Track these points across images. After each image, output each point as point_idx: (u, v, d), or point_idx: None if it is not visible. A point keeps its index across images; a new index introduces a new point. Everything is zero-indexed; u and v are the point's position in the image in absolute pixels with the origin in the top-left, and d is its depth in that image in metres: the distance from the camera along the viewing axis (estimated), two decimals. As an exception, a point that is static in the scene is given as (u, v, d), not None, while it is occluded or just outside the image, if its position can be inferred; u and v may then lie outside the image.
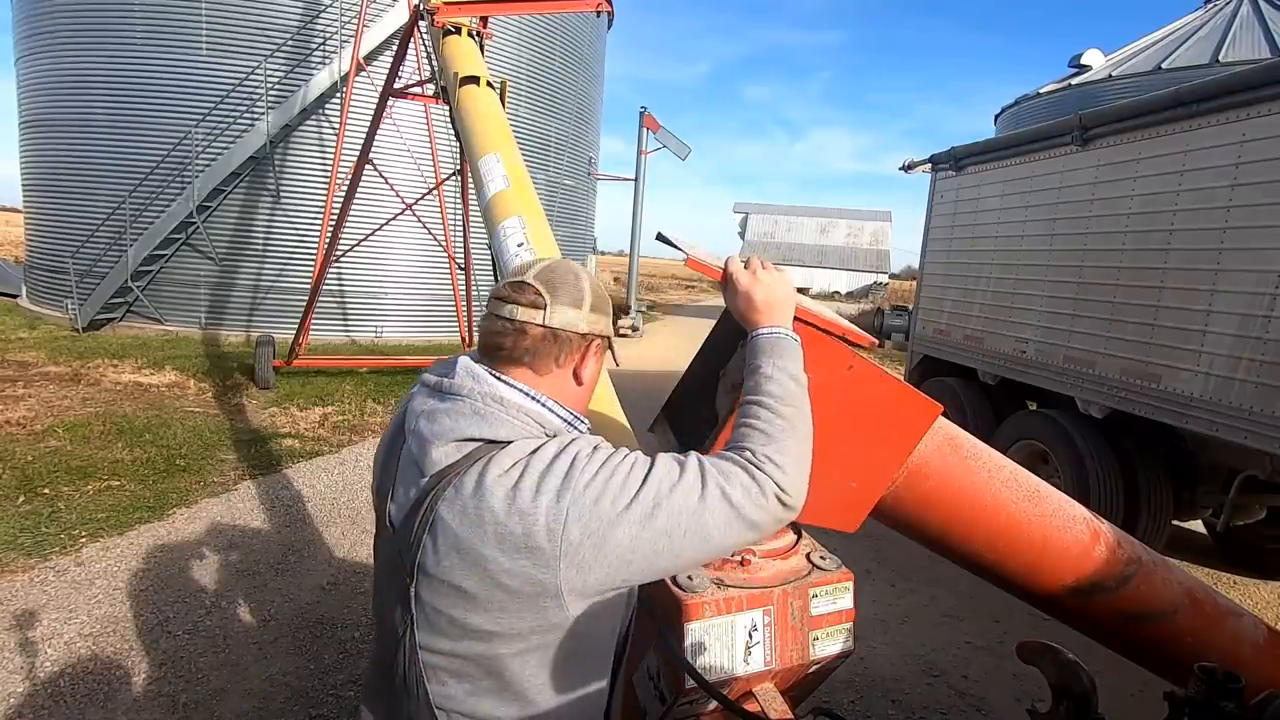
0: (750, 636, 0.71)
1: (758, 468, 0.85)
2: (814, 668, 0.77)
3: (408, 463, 0.96)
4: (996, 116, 17.57)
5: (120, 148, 11.03)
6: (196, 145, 10.64)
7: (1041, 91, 15.63)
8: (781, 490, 0.84)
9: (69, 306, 11.06)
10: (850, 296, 45.77)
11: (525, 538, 0.83)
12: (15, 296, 13.16)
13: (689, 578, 0.72)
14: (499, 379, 0.96)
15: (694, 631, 0.68)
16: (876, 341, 0.79)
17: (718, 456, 0.87)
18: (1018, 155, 5.57)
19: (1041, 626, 3.17)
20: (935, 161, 6.79)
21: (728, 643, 0.70)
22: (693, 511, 0.83)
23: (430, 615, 0.88)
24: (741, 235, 55.89)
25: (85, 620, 3.25)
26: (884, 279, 49.74)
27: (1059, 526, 0.99)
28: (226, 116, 10.72)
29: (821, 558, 0.80)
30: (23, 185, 12.58)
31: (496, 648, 0.87)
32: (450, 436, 0.91)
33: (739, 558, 0.76)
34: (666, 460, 0.88)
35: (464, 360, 0.99)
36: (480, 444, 0.91)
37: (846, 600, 0.78)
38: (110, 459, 5.33)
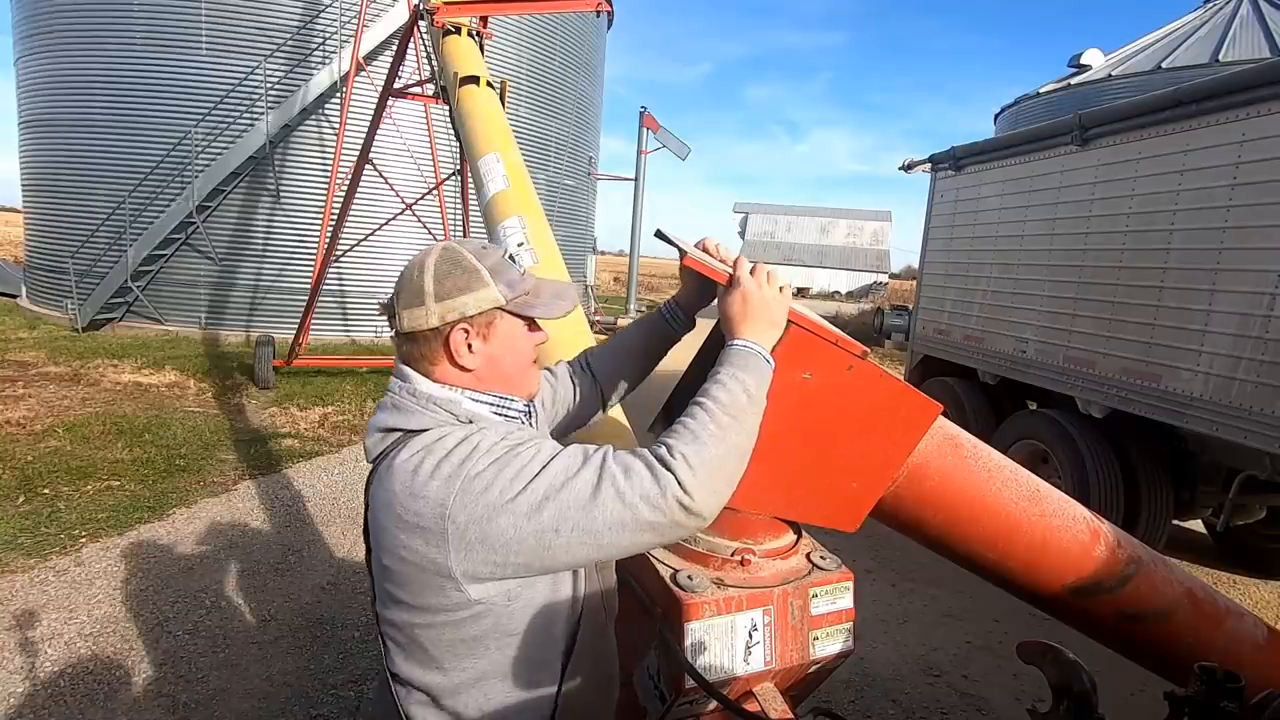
0: (750, 636, 0.71)
1: (664, 466, 0.82)
2: (814, 667, 0.77)
3: None
4: (996, 116, 17.57)
5: (120, 148, 11.03)
6: (196, 145, 10.64)
7: (1041, 91, 15.64)
8: (684, 493, 0.79)
9: (69, 306, 11.06)
10: (850, 296, 45.77)
11: (417, 517, 0.87)
12: (15, 296, 13.15)
13: (689, 577, 0.72)
14: (420, 374, 1.02)
15: (694, 631, 0.68)
16: (868, 350, 0.76)
17: (632, 452, 0.84)
18: (1017, 155, 5.57)
19: (1041, 626, 3.17)
20: (935, 161, 6.79)
21: (728, 642, 0.70)
22: (583, 507, 0.82)
23: (378, 587, 0.97)
24: (741, 235, 55.88)
25: (85, 620, 3.25)
26: (884, 279, 49.74)
27: (1059, 526, 0.99)
28: (226, 116, 10.72)
29: (821, 557, 0.80)
30: (22, 185, 12.57)
31: (413, 619, 0.93)
32: (375, 427, 1.00)
33: (739, 558, 0.76)
34: (572, 453, 0.87)
35: (398, 362, 1.05)
36: (399, 433, 0.97)
37: (846, 600, 0.78)
38: (110, 459, 5.33)
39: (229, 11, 10.61)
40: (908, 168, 7.38)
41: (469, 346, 0.99)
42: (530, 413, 1.09)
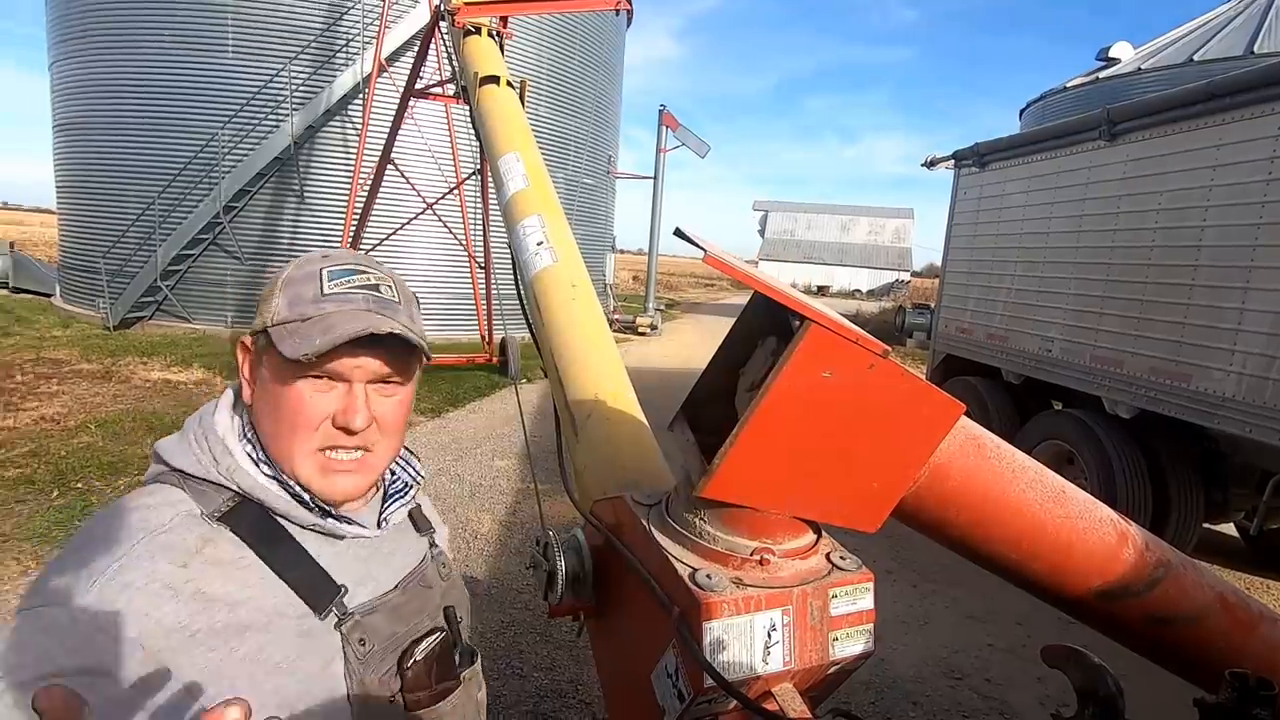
0: (769, 636, 0.71)
1: None
2: (834, 668, 0.76)
3: None
4: (1022, 111, 17.30)
5: (149, 150, 11.26)
6: (223, 147, 10.83)
7: (1068, 85, 15.37)
8: None
9: (100, 305, 11.32)
10: (871, 294, 45.36)
11: None
12: (49, 296, 13.49)
13: (708, 576, 0.72)
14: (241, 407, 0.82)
15: (712, 630, 0.68)
16: (889, 349, 0.75)
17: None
18: (1044, 151, 5.48)
19: (1067, 630, 3.12)
20: (958, 158, 6.70)
21: (746, 642, 0.69)
22: None
23: None
24: (761, 233, 55.61)
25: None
26: (906, 277, 49.22)
27: (1084, 528, 0.97)
28: (252, 118, 10.90)
29: (841, 558, 0.80)
30: (56, 187, 12.89)
31: None
32: (154, 448, 0.81)
33: (758, 557, 0.76)
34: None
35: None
36: (162, 465, 0.79)
37: (867, 601, 0.77)
38: (140, 455, 5.45)
39: (255, 15, 10.79)
40: (930, 164, 7.30)
41: (249, 373, 0.80)
42: (354, 517, 0.83)
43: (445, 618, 0.92)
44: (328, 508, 0.80)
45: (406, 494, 0.94)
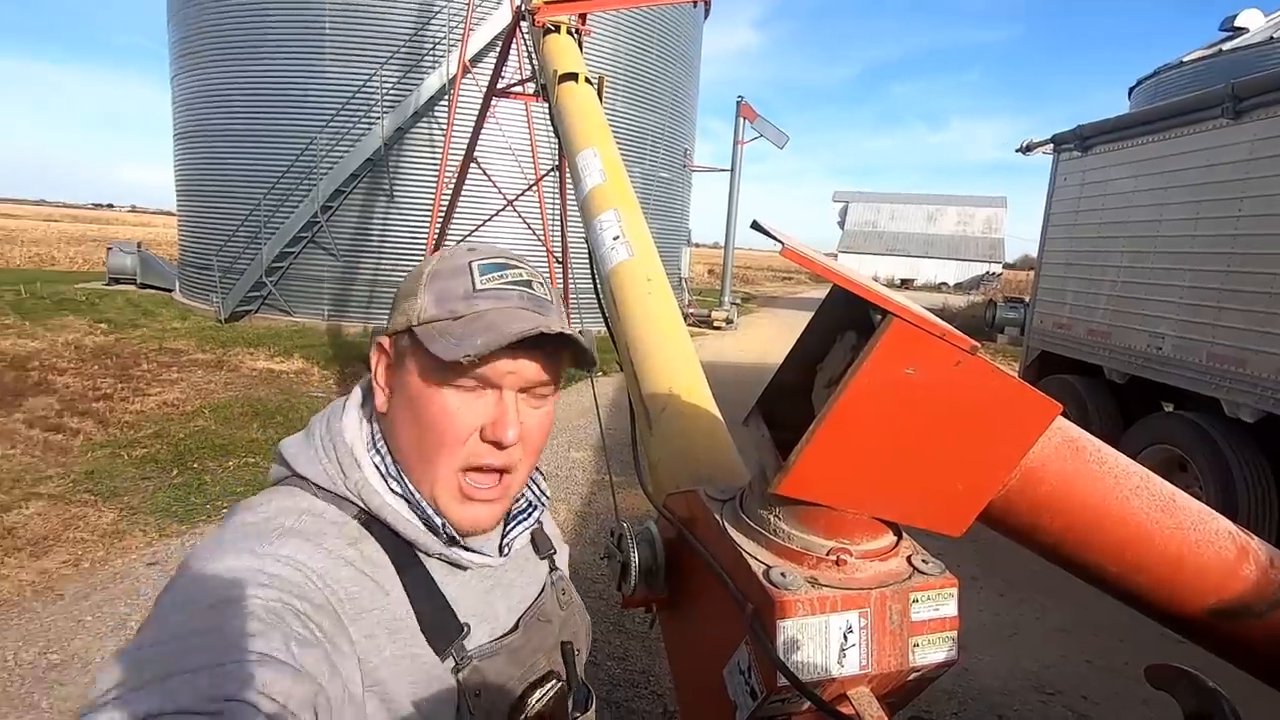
0: (845, 638, 0.69)
1: None
2: (913, 675, 0.74)
3: None
4: (1131, 90, 16.03)
5: (256, 155, 12.07)
6: (321, 150, 11.47)
7: (1186, 60, 14.12)
8: None
9: (213, 300, 12.24)
10: (959, 288, 43.31)
11: None
12: (170, 291, 14.70)
13: (782, 574, 0.71)
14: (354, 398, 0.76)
15: (786, 629, 0.67)
16: (977, 345, 0.69)
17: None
18: (1156, 132, 5.07)
19: (1176, 649, 2.90)
20: (1058, 142, 6.29)
21: (821, 643, 0.68)
22: None
23: None
24: (841, 225, 54.03)
25: (226, 583, 3.61)
26: (997, 269, 46.69)
27: (1198, 540, 0.90)
28: (347, 122, 11.48)
29: (924, 561, 0.77)
30: (176, 191, 14.03)
31: None
32: (278, 449, 0.75)
33: (834, 557, 0.74)
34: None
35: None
36: (285, 469, 0.73)
37: (950, 607, 0.74)
38: (247, 438, 5.87)
39: (350, 23, 11.36)
40: (1027, 150, 6.89)
41: (385, 379, 0.72)
42: (480, 545, 0.75)
43: (563, 657, 0.84)
44: (456, 535, 0.72)
45: (530, 515, 0.86)
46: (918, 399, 0.68)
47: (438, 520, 0.71)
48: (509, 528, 0.82)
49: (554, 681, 0.79)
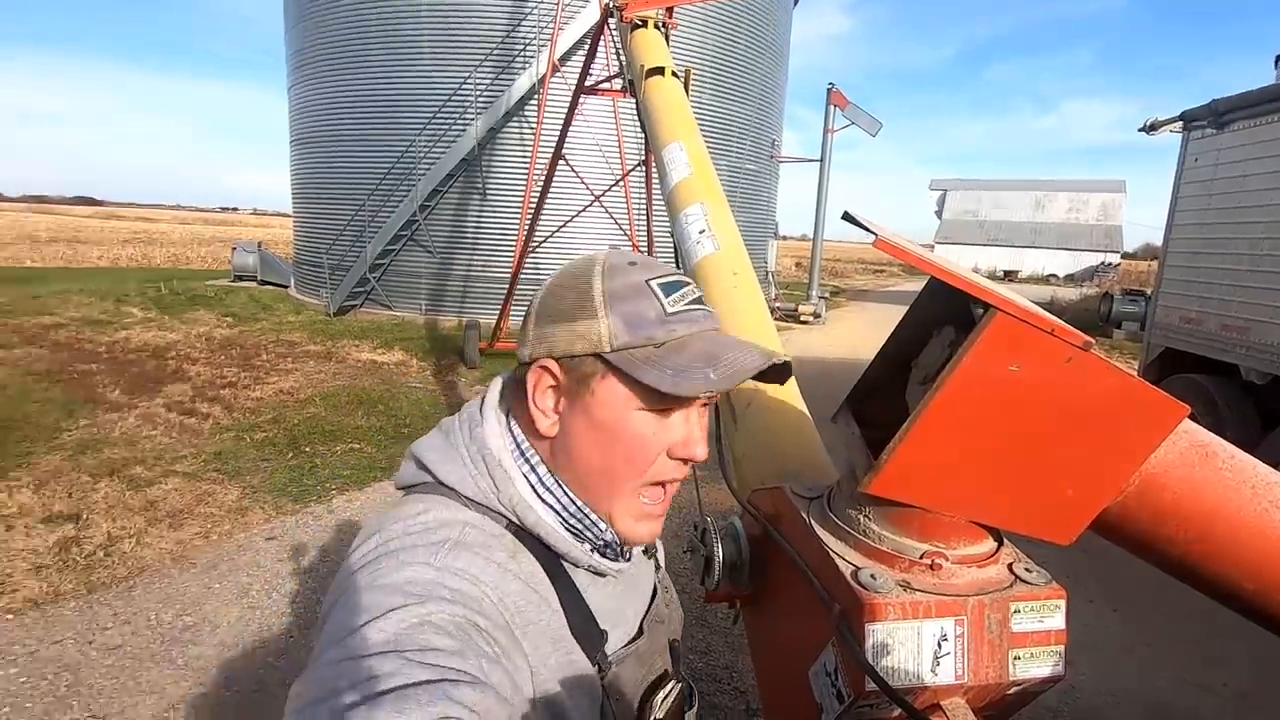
0: (939, 646, 0.66)
1: None
2: (1014, 689, 0.70)
3: None
4: (1278, 59, 14.37)
5: (361, 158, 12.80)
6: (419, 152, 12.03)
7: (1348, 21, 12.50)
8: None
9: (323, 295, 13.10)
10: (1070, 280, 40.37)
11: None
12: (286, 287, 15.86)
13: (872, 576, 0.69)
14: (503, 410, 0.73)
15: (876, 633, 0.65)
16: (1091, 340, 0.63)
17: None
18: (1309, 103, 4.53)
19: (1323, 681, 2.60)
20: (1188, 119, 5.73)
21: (913, 649, 0.66)
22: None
23: None
24: (938, 214, 51.47)
25: (335, 560, 3.87)
26: (1114, 259, 43.15)
27: (1353, 561, 0.81)
28: (443, 124, 11.98)
29: (1027, 569, 0.73)
30: (291, 194, 15.11)
31: None
32: (413, 452, 0.74)
33: (929, 561, 0.71)
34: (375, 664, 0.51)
35: (503, 374, 0.78)
36: (427, 475, 0.71)
37: (1057, 620, 0.70)
38: (353, 425, 6.26)
39: (446, 30, 11.84)
40: (1151, 129, 6.32)
41: (555, 403, 0.69)
42: (622, 553, 0.74)
43: (671, 656, 0.84)
44: (612, 546, 0.72)
45: None
46: (1023, 398, 0.64)
47: (606, 536, 0.71)
48: None
49: (673, 682, 0.79)
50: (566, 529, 0.70)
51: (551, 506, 0.70)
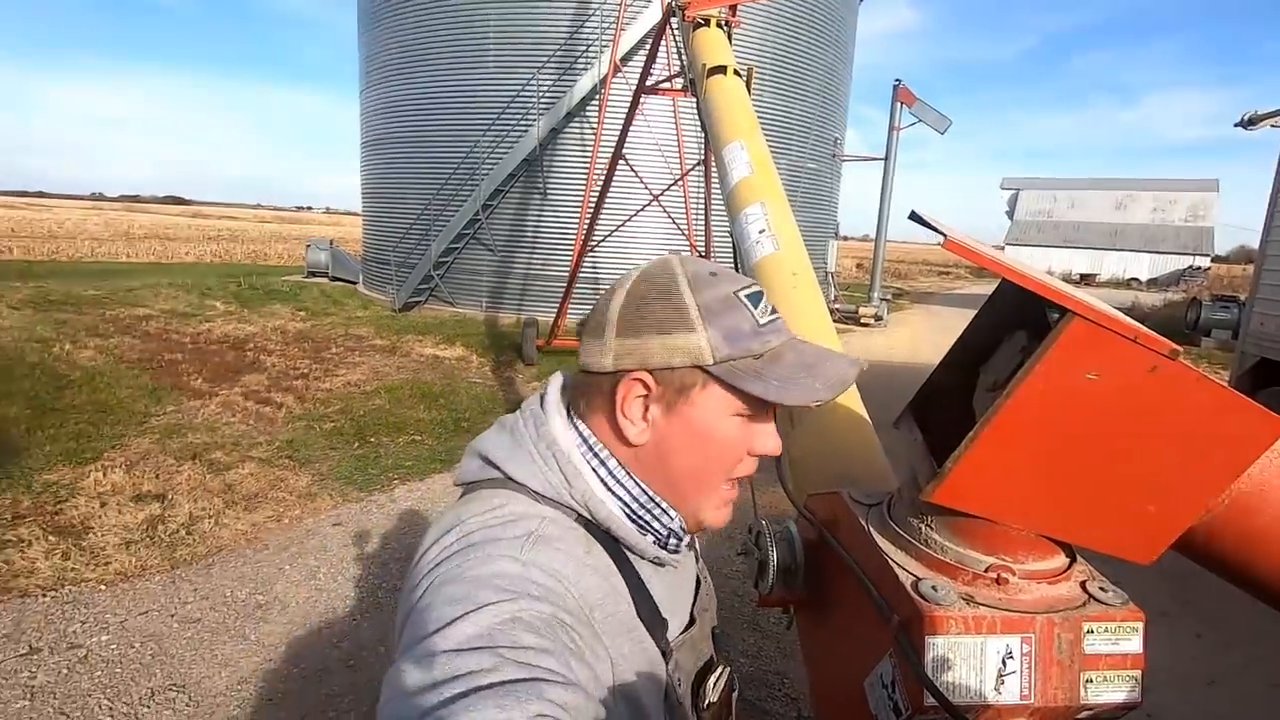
0: (1004, 664, 0.64)
1: None
2: (1085, 713, 0.67)
3: None
4: (1399, 44, 13.17)
5: (428, 159, 13.19)
6: (483, 152, 12.31)
7: None
8: None
9: (389, 291, 13.56)
10: (1154, 284, 38.11)
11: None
12: (354, 283, 16.50)
13: (933, 588, 0.67)
14: (554, 406, 0.76)
15: (936, 646, 0.63)
16: (1178, 349, 0.59)
17: None
18: None
19: None
20: (1293, 112, 5.33)
21: (976, 665, 0.64)
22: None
23: None
24: (1009, 215, 49.41)
25: (396, 547, 4.00)
26: (1204, 262, 40.50)
27: None
28: (506, 124, 12.23)
29: (1101, 588, 0.69)
30: (361, 194, 15.70)
31: None
32: (478, 450, 0.76)
33: (994, 574, 0.69)
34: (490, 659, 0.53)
35: (560, 373, 0.80)
36: (494, 471, 0.73)
37: (1134, 643, 0.66)
38: (415, 417, 6.46)
39: (510, 32, 12.07)
40: (1249, 123, 5.91)
41: (643, 412, 0.70)
42: (680, 544, 0.76)
43: (714, 642, 0.85)
44: (678, 536, 0.75)
45: None
46: (1101, 408, 0.61)
47: (673, 525, 0.74)
48: None
49: (720, 668, 0.81)
50: (631, 520, 0.72)
51: (620, 498, 0.72)
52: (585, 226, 8.84)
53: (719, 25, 3.32)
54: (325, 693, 2.78)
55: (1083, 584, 0.70)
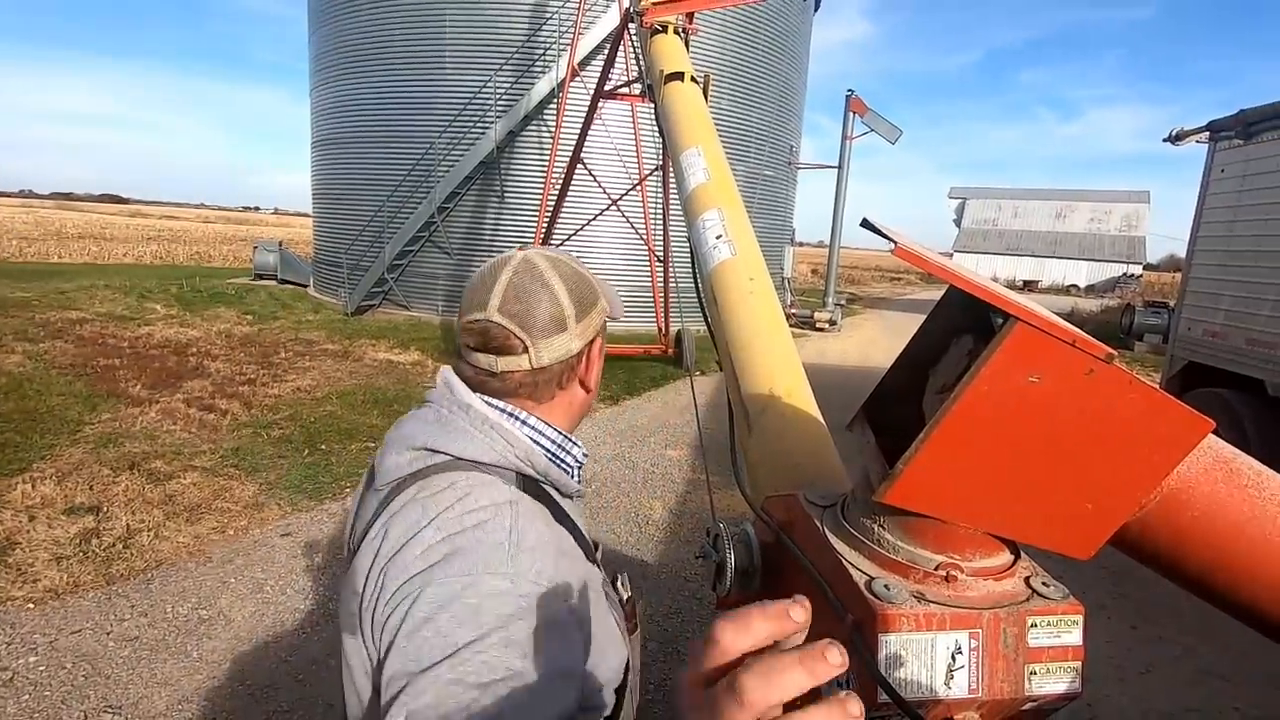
0: (953, 659, 0.66)
1: None
2: (1029, 705, 0.69)
3: (369, 478, 0.88)
4: (1309, 68, 14.10)
5: (381, 160, 12.94)
6: (439, 154, 12.13)
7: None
8: None
9: (341, 295, 13.24)
10: (1091, 291, 39.87)
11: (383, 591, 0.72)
12: (305, 286, 16.04)
13: (886, 586, 0.69)
14: (471, 397, 0.84)
15: (889, 644, 0.65)
16: (1113, 353, 0.63)
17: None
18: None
19: (1348, 705, 2.54)
20: (1215, 129, 5.65)
21: (927, 661, 0.65)
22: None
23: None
24: (957, 223, 51.05)
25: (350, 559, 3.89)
26: (1136, 270, 42.56)
27: (1383, 583, 0.79)
28: (463, 127, 12.08)
29: (1044, 584, 0.72)
30: (312, 195, 15.29)
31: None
32: (407, 444, 0.82)
33: (944, 572, 0.71)
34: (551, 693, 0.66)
35: (445, 370, 0.89)
36: (437, 456, 0.79)
37: (1074, 636, 0.69)
38: (369, 423, 6.31)
39: (468, 33, 11.94)
40: (1175, 139, 6.23)
41: (596, 365, 0.91)
42: (581, 469, 0.91)
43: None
44: (576, 468, 0.91)
45: None
46: (1042, 409, 0.63)
47: (577, 452, 0.89)
48: None
49: (619, 572, 0.99)
50: (552, 461, 0.85)
51: (545, 447, 0.85)
52: (543, 230, 8.79)
53: (676, 32, 3.35)
54: (272, 709, 2.68)
55: (1026, 579, 0.72)
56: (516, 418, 0.84)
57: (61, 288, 13.35)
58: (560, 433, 0.87)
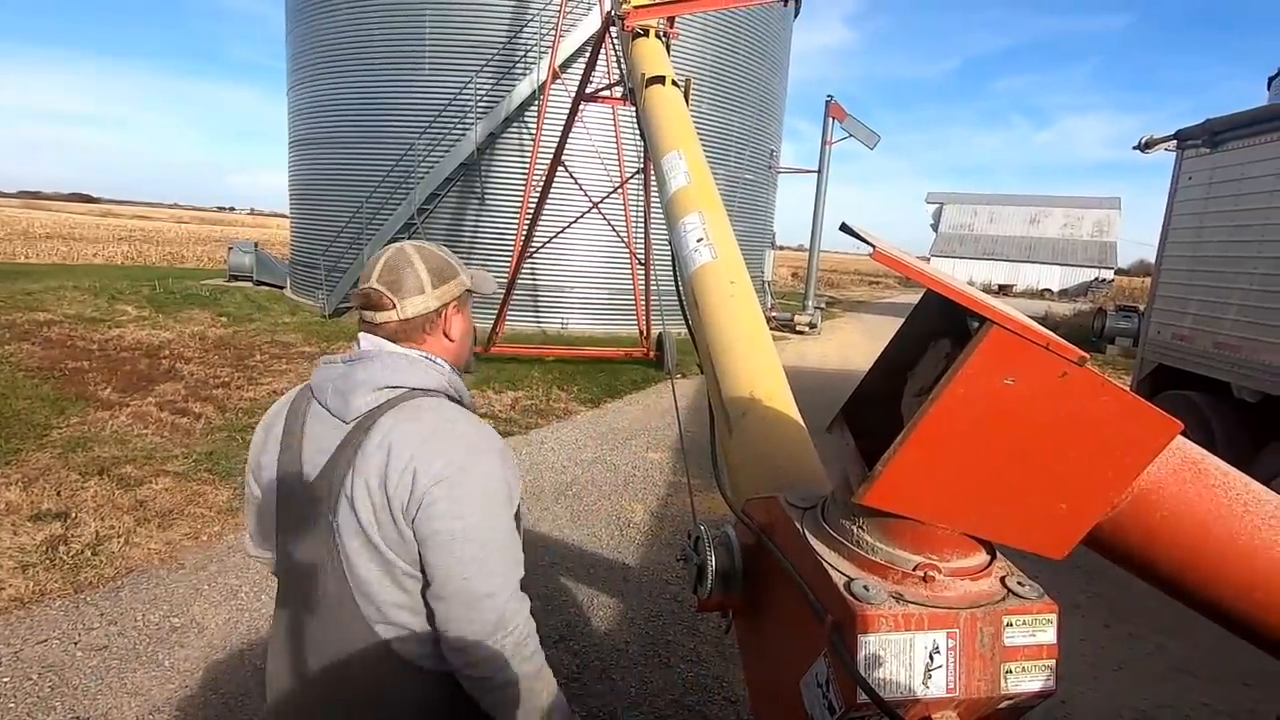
0: (931, 659, 0.66)
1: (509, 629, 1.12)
2: (1005, 703, 0.70)
3: (319, 421, 1.14)
4: (1271, 80, 14.52)
5: (360, 161, 12.81)
6: (419, 156, 12.04)
7: (1340, 44, 12.65)
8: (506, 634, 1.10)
9: (319, 297, 13.07)
10: (1064, 295, 40.62)
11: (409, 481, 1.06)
12: (282, 288, 15.81)
13: (865, 587, 0.69)
14: (395, 346, 1.18)
15: (868, 644, 0.65)
16: (1086, 355, 0.64)
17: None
18: (1301, 125, 4.58)
19: (1311, 699, 2.60)
20: (1182, 138, 5.79)
21: (905, 661, 0.66)
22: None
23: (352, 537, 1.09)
24: (934, 228, 51.75)
25: (324, 562, 3.84)
26: (1108, 275, 43.44)
27: (1344, 580, 0.81)
28: (443, 128, 12.00)
29: (1019, 583, 0.73)
30: (289, 195, 15.08)
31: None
32: (371, 385, 1.11)
33: (921, 573, 0.71)
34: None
35: (364, 335, 1.19)
36: (395, 390, 1.12)
37: (1048, 634, 0.70)
38: (346, 427, 6.23)
39: (448, 33, 11.87)
40: (1145, 147, 6.37)
41: (457, 322, 1.24)
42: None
43: None
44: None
45: None
46: (1017, 411, 0.64)
47: (463, 385, 1.26)
48: None
49: None
50: (447, 374, 1.21)
51: (445, 365, 1.22)
52: (524, 232, 8.76)
53: (658, 36, 3.36)
54: (246, 718, 2.64)
55: (1002, 579, 0.73)
56: (431, 359, 1.19)
57: (28, 288, 13.03)
58: (453, 366, 1.24)
